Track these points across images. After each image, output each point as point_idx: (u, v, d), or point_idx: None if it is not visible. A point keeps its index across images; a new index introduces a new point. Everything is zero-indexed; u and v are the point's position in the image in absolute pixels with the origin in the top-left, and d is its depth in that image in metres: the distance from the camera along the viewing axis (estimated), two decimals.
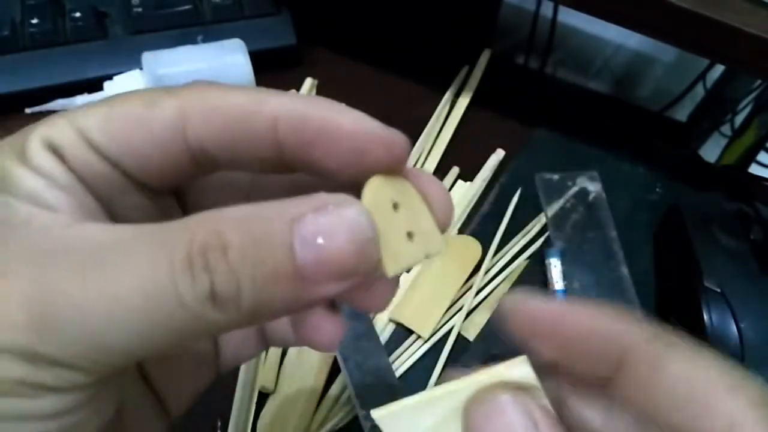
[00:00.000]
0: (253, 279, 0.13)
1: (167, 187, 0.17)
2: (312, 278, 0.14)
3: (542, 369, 0.16)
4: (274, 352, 0.36)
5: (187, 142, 0.16)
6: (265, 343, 0.22)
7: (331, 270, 0.14)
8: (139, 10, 0.46)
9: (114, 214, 0.16)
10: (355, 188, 0.16)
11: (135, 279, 0.13)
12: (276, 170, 0.17)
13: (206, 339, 0.20)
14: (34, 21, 0.45)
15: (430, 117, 0.47)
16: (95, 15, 0.46)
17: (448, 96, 0.49)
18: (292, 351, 0.36)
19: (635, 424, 0.16)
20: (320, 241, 0.13)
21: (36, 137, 0.15)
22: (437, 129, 0.47)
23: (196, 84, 0.16)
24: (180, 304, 0.13)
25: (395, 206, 0.16)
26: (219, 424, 0.34)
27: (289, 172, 0.17)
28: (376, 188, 0.16)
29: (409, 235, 0.16)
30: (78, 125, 0.15)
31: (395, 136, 0.16)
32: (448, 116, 0.48)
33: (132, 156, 0.16)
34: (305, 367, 0.36)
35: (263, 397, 0.35)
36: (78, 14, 0.46)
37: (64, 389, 0.14)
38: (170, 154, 0.16)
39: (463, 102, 0.49)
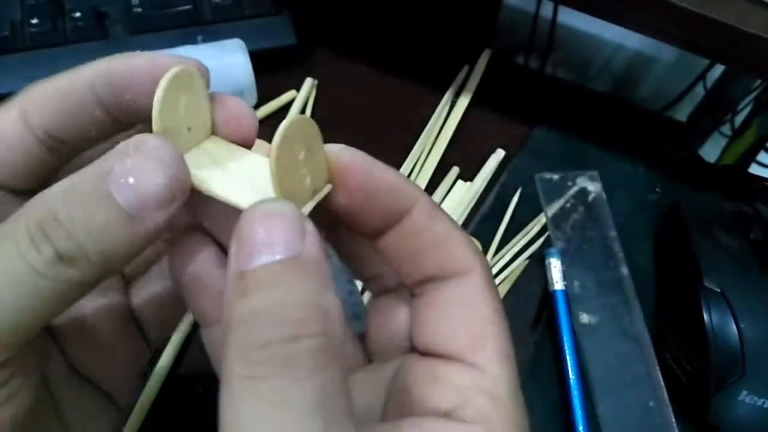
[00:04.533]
0: (89, 233, 0.15)
1: (33, 186, 0.19)
2: (139, 214, 0.15)
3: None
4: None
5: (33, 133, 0.18)
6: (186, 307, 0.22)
7: (152, 201, 0.15)
8: (139, 10, 0.46)
9: None
10: None
11: None
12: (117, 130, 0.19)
13: (122, 318, 0.21)
14: (34, 21, 0.45)
15: (430, 117, 0.47)
16: (95, 15, 0.46)
17: (448, 96, 0.49)
18: None
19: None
20: (131, 180, 0.15)
21: None
22: (437, 129, 0.47)
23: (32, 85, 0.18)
24: (35, 272, 0.15)
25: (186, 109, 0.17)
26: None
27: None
28: (166, 105, 0.17)
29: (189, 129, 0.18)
30: None
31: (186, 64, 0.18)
32: (448, 116, 0.48)
33: None
34: None
35: None
36: (78, 14, 0.46)
37: None
38: (23, 151, 0.18)
39: (463, 102, 0.49)
